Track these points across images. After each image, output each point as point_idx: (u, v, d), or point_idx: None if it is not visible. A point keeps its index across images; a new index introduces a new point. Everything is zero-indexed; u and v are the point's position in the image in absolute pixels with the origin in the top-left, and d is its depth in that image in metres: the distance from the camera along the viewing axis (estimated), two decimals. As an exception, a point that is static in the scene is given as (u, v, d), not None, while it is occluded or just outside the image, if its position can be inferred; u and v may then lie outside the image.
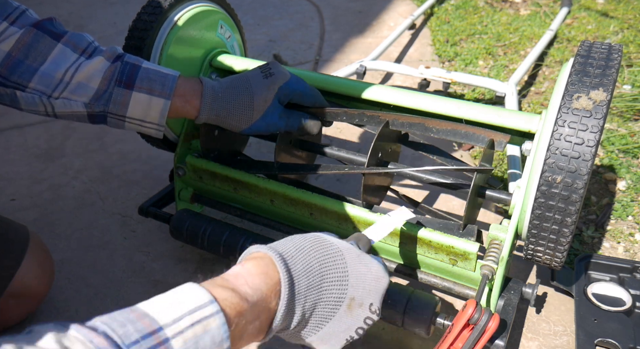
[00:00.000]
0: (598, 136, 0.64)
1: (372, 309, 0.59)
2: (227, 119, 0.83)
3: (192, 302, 0.44)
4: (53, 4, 2.33)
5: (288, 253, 0.55)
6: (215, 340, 0.43)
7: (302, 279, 0.54)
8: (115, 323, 0.40)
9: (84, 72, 0.76)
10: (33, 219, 1.17)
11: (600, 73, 0.68)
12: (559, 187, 0.66)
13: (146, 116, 0.80)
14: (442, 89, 1.50)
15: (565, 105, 0.67)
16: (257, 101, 0.82)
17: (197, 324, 0.43)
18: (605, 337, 0.84)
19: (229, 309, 0.46)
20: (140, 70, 0.79)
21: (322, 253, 0.57)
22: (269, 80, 0.83)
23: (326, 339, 0.58)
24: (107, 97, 0.78)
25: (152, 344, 0.40)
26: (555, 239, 0.71)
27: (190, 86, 0.81)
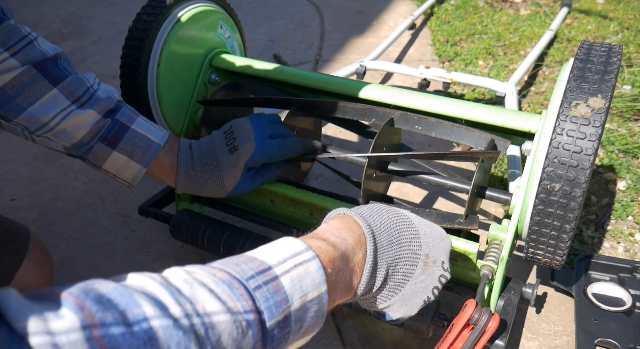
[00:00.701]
0: (596, 145, 0.65)
1: (444, 266, 0.61)
2: (202, 193, 0.86)
3: (291, 249, 0.48)
4: (53, 4, 2.33)
5: (366, 213, 0.58)
6: (315, 282, 0.47)
7: (382, 235, 0.56)
8: (231, 263, 0.44)
9: (72, 122, 0.76)
10: (33, 219, 1.17)
11: (599, 79, 0.68)
12: (557, 195, 0.67)
13: (120, 173, 0.82)
14: (442, 89, 1.51)
15: (564, 113, 0.67)
16: (226, 179, 0.84)
17: (299, 266, 0.47)
18: (605, 337, 0.84)
19: (323, 255, 0.49)
20: (128, 132, 0.79)
21: (393, 214, 0.60)
22: (235, 156, 0.83)
23: (407, 300, 0.59)
24: (88, 149, 0.79)
25: (266, 279, 0.44)
26: (554, 244, 0.71)
27: (169, 161, 0.83)
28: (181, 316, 0.36)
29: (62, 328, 0.30)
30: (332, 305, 0.51)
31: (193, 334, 0.36)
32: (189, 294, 0.38)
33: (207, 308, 0.38)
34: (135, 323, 0.34)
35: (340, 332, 0.91)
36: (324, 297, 0.48)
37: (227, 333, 0.39)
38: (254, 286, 0.43)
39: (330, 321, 0.92)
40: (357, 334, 0.90)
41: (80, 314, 0.32)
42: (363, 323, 0.92)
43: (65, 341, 0.30)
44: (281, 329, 0.44)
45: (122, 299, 0.35)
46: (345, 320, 0.92)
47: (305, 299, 0.46)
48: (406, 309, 0.60)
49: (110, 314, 0.33)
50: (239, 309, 0.40)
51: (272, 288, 0.44)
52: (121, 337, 0.32)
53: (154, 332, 0.34)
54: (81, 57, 1.90)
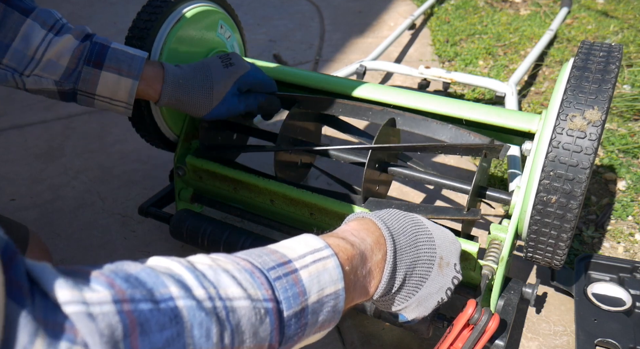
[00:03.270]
0: (592, 158, 0.65)
1: (456, 268, 0.63)
2: (187, 105, 0.86)
3: (311, 245, 0.50)
4: (53, 4, 2.33)
5: (384, 216, 0.59)
6: (333, 278, 0.48)
7: (400, 237, 0.58)
8: (254, 254, 0.46)
9: (54, 50, 0.77)
10: (33, 219, 1.17)
11: (596, 89, 0.67)
12: (554, 207, 0.67)
13: (115, 94, 0.82)
14: (442, 89, 1.50)
15: (560, 125, 0.67)
16: (216, 89, 0.85)
17: (318, 261, 0.48)
18: (605, 337, 0.84)
19: (341, 253, 0.51)
20: (109, 51, 0.80)
21: (410, 218, 0.61)
22: (229, 70, 0.87)
23: (422, 301, 0.60)
24: (77, 76, 0.79)
25: (286, 271, 0.45)
26: (554, 243, 0.71)
27: (153, 71, 0.84)
28: (205, 298, 0.38)
29: (96, 299, 0.32)
30: (350, 303, 0.53)
31: (215, 316, 0.38)
32: (213, 278, 0.40)
33: (229, 293, 0.40)
34: (162, 301, 0.35)
35: (340, 332, 0.91)
36: (340, 293, 0.49)
37: (246, 318, 0.40)
38: (275, 277, 0.44)
39: (330, 321, 0.92)
40: (357, 334, 0.90)
41: (112, 290, 0.33)
42: (363, 323, 0.92)
43: (99, 312, 0.31)
44: (298, 320, 0.45)
45: (150, 279, 0.36)
46: (345, 320, 0.92)
47: (322, 294, 0.47)
48: (421, 310, 0.61)
49: (139, 292, 0.35)
50: (259, 296, 0.42)
51: (291, 280, 0.45)
52: (149, 312, 0.34)
53: (179, 310, 0.36)
54: (81, 57, 1.90)
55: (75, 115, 1.56)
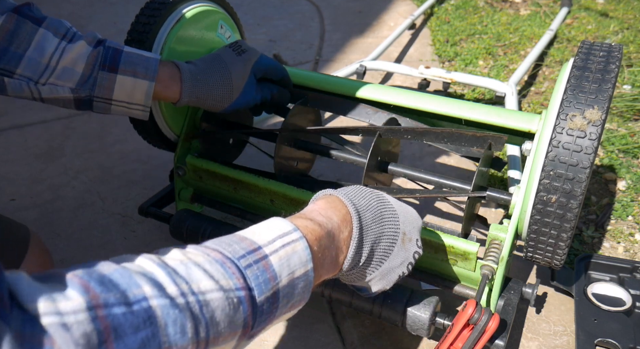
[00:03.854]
0: (592, 157, 0.65)
1: (418, 244, 0.66)
2: (208, 100, 0.86)
3: (280, 229, 0.51)
4: (53, 4, 2.33)
5: (351, 193, 0.61)
6: (302, 260, 0.50)
7: (366, 213, 0.60)
8: (224, 243, 0.47)
9: (69, 57, 0.77)
10: (33, 219, 1.17)
11: (596, 89, 0.67)
12: (554, 206, 0.67)
13: (132, 98, 0.82)
14: (442, 89, 1.50)
15: (560, 125, 0.67)
16: (235, 80, 0.85)
17: (287, 245, 0.50)
18: (605, 337, 0.84)
19: (309, 234, 0.52)
20: (123, 54, 0.80)
21: (375, 195, 0.63)
22: (243, 57, 0.87)
23: (385, 274, 0.63)
24: (93, 82, 0.79)
25: (256, 258, 0.47)
26: (554, 243, 0.71)
27: (169, 72, 0.83)
28: (177, 295, 0.39)
29: (70, 308, 0.33)
30: (318, 280, 0.55)
31: (188, 311, 0.39)
32: (185, 274, 0.41)
33: (202, 287, 0.41)
34: (136, 302, 0.36)
35: (340, 332, 0.91)
36: (310, 274, 0.51)
37: (220, 309, 0.42)
38: (245, 265, 0.46)
39: (330, 321, 0.92)
40: (357, 334, 0.90)
41: (86, 296, 0.34)
42: (363, 323, 0.92)
43: (73, 321, 0.32)
44: (270, 304, 0.47)
45: (123, 280, 0.37)
46: (345, 320, 0.92)
47: (292, 277, 0.49)
48: (384, 283, 0.64)
49: (113, 295, 0.35)
50: (231, 286, 0.43)
51: (261, 267, 0.47)
52: (122, 316, 0.35)
53: (152, 311, 0.37)
54: (81, 57, 1.90)
55: (75, 115, 1.56)
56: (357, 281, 0.63)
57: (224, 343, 0.43)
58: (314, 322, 0.92)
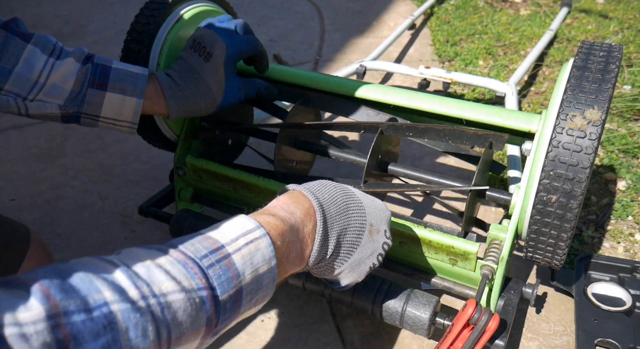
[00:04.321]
0: (592, 157, 0.65)
1: (386, 235, 0.67)
2: (195, 111, 0.86)
3: (243, 227, 0.52)
4: (53, 4, 2.33)
5: (314, 187, 0.62)
6: (265, 257, 0.51)
7: (331, 207, 0.60)
8: (187, 243, 0.48)
9: (58, 73, 0.77)
10: (33, 219, 1.17)
11: (596, 89, 0.67)
12: (554, 206, 0.67)
13: (119, 114, 0.82)
14: (442, 89, 1.50)
15: (560, 125, 0.67)
16: (214, 87, 0.85)
17: (250, 243, 0.50)
18: (605, 337, 0.84)
19: (272, 230, 0.53)
20: (112, 71, 0.80)
21: (340, 188, 0.64)
22: (212, 62, 0.85)
23: (355, 266, 0.64)
24: (81, 99, 0.79)
25: (219, 258, 0.47)
26: (554, 243, 0.71)
27: (153, 87, 0.83)
28: (138, 299, 0.39)
29: (30, 318, 0.33)
30: (284, 275, 0.56)
31: (150, 314, 0.40)
32: (146, 276, 0.42)
33: (163, 289, 0.42)
34: (96, 308, 0.37)
35: (340, 332, 0.91)
36: (274, 270, 0.52)
37: (182, 310, 0.42)
38: (207, 264, 0.46)
39: (330, 321, 0.92)
40: (357, 334, 0.90)
41: (46, 304, 0.34)
42: (363, 323, 0.92)
43: (32, 331, 0.33)
44: (233, 301, 0.48)
45: (84, 286, 0.38)
46: (345, 320, 0.92)
47: (256, 274, 0.50)
48: (355, 276, 0.64)
49: (73, 302, 0.36)
50: (193, 286, 0.44)
51: (224, 266, 0.47)
52: (82, 324, 0.35)
53: (113, 316, 0.37)
54: (81, 57, 1.90)
55: (75, 115, 1.56)
56: (327, 274, 0.64)
57: (187, 343, 0.43)
58: (314, 322, 0.92)
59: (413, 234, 0.80)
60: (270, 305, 0.95)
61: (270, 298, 0.54)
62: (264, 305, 0.54)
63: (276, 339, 0.89)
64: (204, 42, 0.85)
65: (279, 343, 0.88)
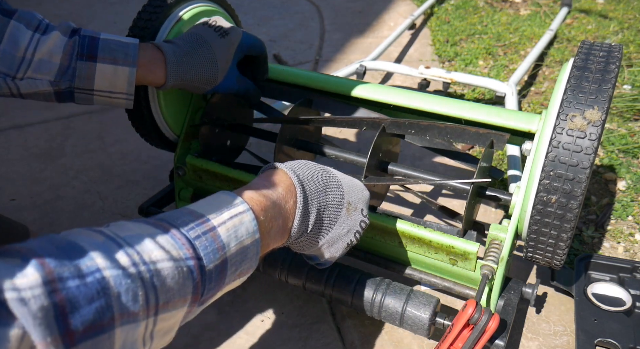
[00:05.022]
0: (592, 158, 0.65)
1: (363, 213, 0.69)
2: (194, 82, 0.85)
3: (227, 202, 0.54)
4: (53, 4, 2.33)
5: (295, 166, 0.63)
6: (249, 231, 0.53)
7: (310, 184, 0.62)
8: (173, 216, 0.50)
9: (44, 48, 0.75)
10: (33, 219, 1.17)
11: (596, 89, 0.67)
12: (554, 207, 0.67)
13: (114, 86, 0.80)
14: (442, 89, 1.50)
15: (560, 125, 0.67)
16: (220, 64, 0.85)
17: (235, 217, 0.52)
18: (605, 337, 0.84)
19: (255, 205, 0.55)
20: (100, 42, 0.78)
21: (320, 167, 0.66)
22: (227, 40, 0.86)
23: (333, 242, 0.66)
24: (72, 73, 0.77)
25: (205, 230, 0.49)
26: (554, 243, 0.71)
27: (151, 55, 0.81)
28: (129, 265, 0.41)
29: (27, 284, 0.35)
30: (266, 249, 0.58)
31: (140, 280, 0.42)
32: (136, 244, 0.43)
33: (152, 257, 0.43)
34: (89, 273, 0.38)
35: (340, 332, 0.91)
36: (257, 243, 0.54)
37: (170, 277, 0.44)
38: (194, 236, 0.48)
39: (330, 321, 0.92)
40: (357, 334, 0.90)
41: (41, 271, 0.36)
42: (363, 323, 0.92)
43: (30, 295, 0.34)
44: (219, 272, 0.50)
45: (76, 254, 0.39)
46: (345, 320, 0.92)
47: (240, 246, 0.52)
48: (332, 251, 0.67)
49: (67, 269, 0.38)
50: (181, 256, 0.46)
51: (210, 237, 0.49)
52: (76, 289, 0.37)
53: (106, 281, 0.39)
54: (81, 57, 1.90)
55: (75, 115, 1.56)
56: (306, 249, 0.66)
57: (174, 309, 0.45)
58: (314, 322, 0.92)
59: (413, 234, 0.80)
60: (270, 305, 0.95)
61: (253, 274, 0.56)
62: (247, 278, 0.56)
63: (276, 339, 0.89)
64: (221, 22, 0.87)
65: (279, 343, 0.88)
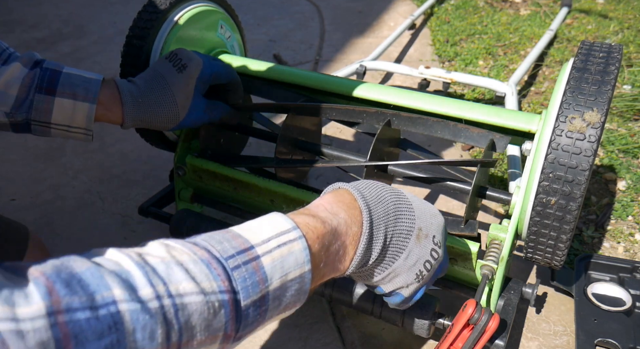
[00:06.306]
0: (592, 160, 0.65)
1: (435, 241, 0.60)
2: (154, 122, 0.82)
3: (278, 227, 0.48)
4: (53, 4, 2.33)
5: (361, 186, 0.57)
6: (298, 262, 0.47)
7: (378, 207, 0.56)
8: (214, 240, 0.45)
9: (1, 80, 0.73)
10: (33, 219, 1.17)
11: (595, 91, 0.67)
12: (553, 208, 0.67)
13: (72, 121, 0.78)
14: (442, 89, 1.50)
15: (559, 127, 0.66)
16: (179, 100, 0.81)
17: (283, 246, 0.47)
18: (605, 337, 0.84)
19: (310, 232, 0.49)
20: (62, 76, 0.77)
21: (389, 188, 0.60)
22: (185, 74, 0.82)
23: (400, 273, 0.58)
24: (29, 105, 0.75)
25: (246, 259, 0.44)
26: (554, 244, 0.71)
27: (110, 93, 0.79)
28: (151, 298, 0.37)
29: (28, 314, 0.31)
30: (320, 280, 0.52)
31: (161, 316, 0.37)
32: (164, 274, 0.39)
33: (181, 289, 0.39)
34: (103, 306, 0.35)
35: (340, 332, 0.91)
36: (306, 276, 0.48)
37: (197, 313, 0.40)
38: (233, 266, 0.43)
39: (330, 321, 0.92)
40: (357, 334, 0.90)
41: (48, 300, 0.32)
42: (363, 323, 0.92)
43: (30, 328, 0.31)
44: (257, 307, 0.45)
45: (94, 280, 0.35)
46: (345, 320, 0.92)
47: (285, 279, 0.47)
48: (398, 282, 0.59)
49: (78, 298, 0.34)
50: (214, 288, 0.41)
51: (250, 268, 0.44)
52: (86, 322, 0.33)
53: (120, 316, 0.35)
54: (81, 57, 1.90)
55: (75, 115, 1.56)
56: (367, 280, 0.59)
57: (200, 347, 0.41)
58: (314, 322, 0.92)
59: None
60: (270, 305, 0.95)
61: None
62: None
63: (276, 339, 0.89)
64: (181, 55, 0.83)
65: (279, 343, 0.88)
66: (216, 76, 0.86)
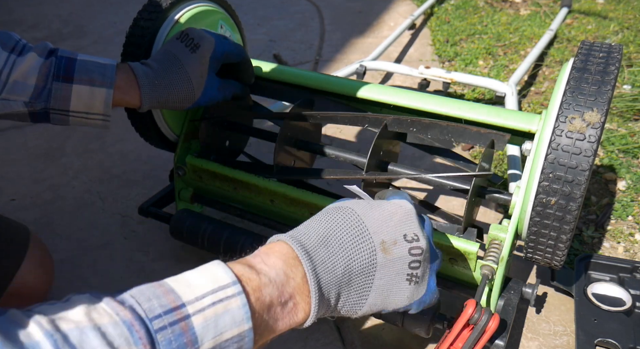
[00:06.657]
0: (592, 160, 0.65)
1: (407, 238, 0.55)
2: (170, 103, 0.84)
3: (217, 281, 0.45)
4: (53, 4, 2.33)
5: (298, 232, 0.54)
6: (236, 320, 0.44)
7: (319, 250, 0.52)
8: (143, 297, 0.42)
9: (19, 70, 0.74)
10: (33, 219, 1.17)
11: (595, 91, 0.67)
12: (553, 209, 0.67)
13: (90, 107, 0.79)
14: (442, 89, 1.50)
15: (559, 127, 0.67)
16: (194, 80, 0.83)
17: (219, 303, 0.44)
18: (605, 337, 0.84)
19: (249, 286, 0.47)
20: (77, 63, 0.77)
21: (330, 216, 0.56)
22: (198, 53, 0.83)
23: (387, 294, 0.55)
24: (47, 94, 0.76)
25: (174, 320, 0.42)
26: (553, 244, 0.71)
27: (126, 77, 0.80)
28: None
29: None
30: (268, 336, 0.49)
31: None
32: (77, 341, 0.37)
33: None
34: None
35: (340, 332, 0.91)
36: (247, 335, 0.45)
37: None
38: (158, 327, 0.41)
39: (331, 321, 0.92)
40: (357, 334, 0.90)
41: None
42: (363, 323, 0.92)
43: None
44: None
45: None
46: (345, 320, 0.92)
47: (220, 339, 0.43)
48: (396, 300, 0.56)
49: None
50: None
51: (178, 329, 0.41)
52: None
53: None
54: (81, 57, 1.90)
55: (75, 115, 1.56)
56: (351, 315, 0.56)
57: None
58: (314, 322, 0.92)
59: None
60: (270, 305, 0.95)
61: None
62: None
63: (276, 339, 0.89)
64: (193, 35, 0.84)
65: (279, 343, 0.88)
66: (228, 55, 0.88)
